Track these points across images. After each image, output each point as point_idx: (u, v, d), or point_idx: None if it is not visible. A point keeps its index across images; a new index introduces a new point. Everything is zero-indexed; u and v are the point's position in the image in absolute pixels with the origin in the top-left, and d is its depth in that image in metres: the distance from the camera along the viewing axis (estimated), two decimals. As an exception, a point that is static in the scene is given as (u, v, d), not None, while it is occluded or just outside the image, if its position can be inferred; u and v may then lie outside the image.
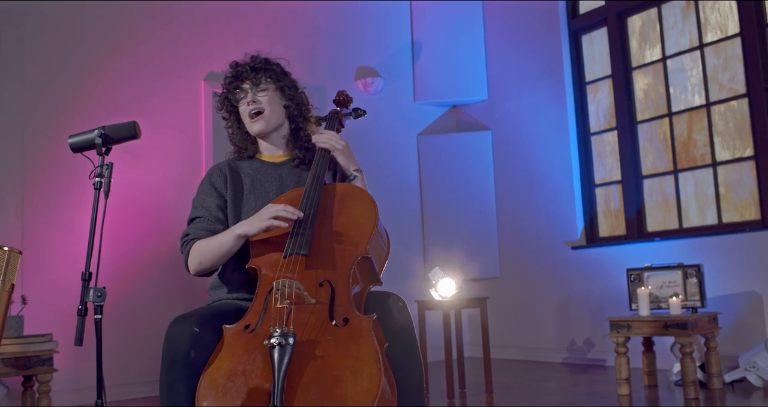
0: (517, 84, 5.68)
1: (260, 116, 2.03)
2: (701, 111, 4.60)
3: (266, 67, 2.06)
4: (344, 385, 1.52)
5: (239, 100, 2.06)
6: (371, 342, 1.59)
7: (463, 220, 5.73)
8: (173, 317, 1.73)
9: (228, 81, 2.07)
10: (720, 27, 4.54)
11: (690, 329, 3.44)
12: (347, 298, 1.69)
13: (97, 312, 1.76)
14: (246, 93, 2.04)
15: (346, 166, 2.05)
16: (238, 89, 2.05)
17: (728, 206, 4.42)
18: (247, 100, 2.03)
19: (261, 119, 2.03)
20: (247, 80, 2.04)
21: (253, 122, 2.04)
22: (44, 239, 4.17)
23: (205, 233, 1.94)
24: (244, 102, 2.04)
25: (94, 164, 1.87)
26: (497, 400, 3.71)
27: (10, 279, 1.40)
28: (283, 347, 1.52)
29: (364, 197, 1.90)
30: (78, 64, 4.45)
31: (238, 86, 2.05)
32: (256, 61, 2.06)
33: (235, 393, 1.57)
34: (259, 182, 2.04)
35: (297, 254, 1.75)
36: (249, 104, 2.02)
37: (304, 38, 5.32)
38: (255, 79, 2.03)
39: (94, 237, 1.87)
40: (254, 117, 2.03)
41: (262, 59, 2.08)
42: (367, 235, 1.80)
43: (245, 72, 2.04)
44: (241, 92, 2.05)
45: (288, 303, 1.65)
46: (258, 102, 2.03)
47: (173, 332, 1.67)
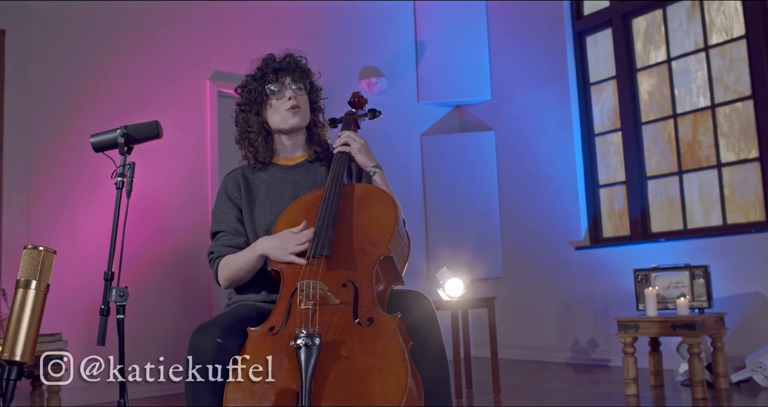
0: (520, 84, 5.69)
1: (298, 110, 2.02)
2: (706, 112, 4.62)
3: (307, 68, 2.07)
4: (371, 384, 1.53)
5: (274, 93, 2.03)
6: (397, 341, 1.59)
7: (466, 220, 5.74)
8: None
9: (264, 73, 2.03)
10: (725, 29, 4.56)
11: (698, 329, 3.46)
12: (371, 298, 1.70)
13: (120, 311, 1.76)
14: (285, 88, 2.02)
15: (365, 164, 2.05)
16: (276, 82, 2.02)
17: (733, 208, 4.44)
18: (289, 94, 2.01)
19: (299, 113, 2.02)
20: (288, 76, 2.03)
21: (292, 114, 2.01)
22: (50, 238, 4.16)
23: (228, 249, 1.96)
24: (283, 96, 2.02)
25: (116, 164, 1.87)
26: (504, 400, 3.72)
27: (45, 279, 1.40)
28: (310, 347, 1.53)
29: (384, 197, 1.91)
30: (83, 64, 4.44)
31: (276, 79, 2.03)
32: (296, 59, 2.06)
33: (262, 395, 1.58)
34: (274, 187, 2.04)
35: (320, 256, 1.76)
36: (290, 99, 2.01)
37: (308, 38, 5.32)
38: (296, 76, 2.03)
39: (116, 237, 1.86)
40: (292, 110, 2.01)
41: (300, 58, 2.07)
42: (389, 235, 1.80)
43: (288, 67, 2.03)
44: (279, 85, 2.03)
45: (312, 304, 1.65)
46: (297, 99, 2.02)
47: (196, 342, 1.67)
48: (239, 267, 1.91)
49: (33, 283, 1.40)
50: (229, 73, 4.97)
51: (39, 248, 1.42)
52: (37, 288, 1.40)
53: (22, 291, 1.39)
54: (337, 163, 1.98)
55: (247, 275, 1.93)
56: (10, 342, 1.37)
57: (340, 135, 2.07)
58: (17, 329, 1.37)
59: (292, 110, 2.01)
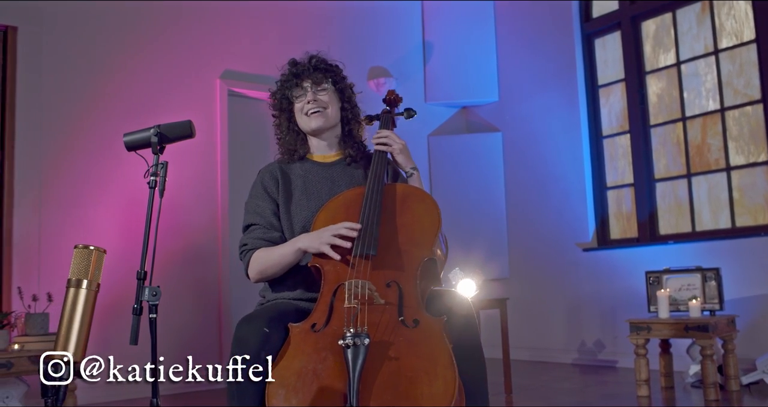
0: (528, 86, 5.70)
1: (319, 113, 2.03)
2: (715, 116, 4.64)
3: (327, 67, 2.07)
4: (419, 386, 1.53)
5: (297, 98, 2.05)
6: (444, 344, 1.60)
7: (473, 221, 5.75)
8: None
9: (286, 78, 2.06)
10: (735, 33, 4.58)
11: (711, 331, 3.48)
12: (416, 299, 1.70)
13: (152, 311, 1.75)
14: (306, 91, 2.03)
15: (404, 164, 2.05)
16: (297, 87, 2.04)
17: (742, 210, 4.47)
18: (308, 98, 2.03)
19: (320, 115, 2.03)
20: (307, 79, 2.04)
21: (311, 117, 2.03)
22: (61, 236, 4.15)
23: (263, 242, 1.95)
24: (303, 100, 2.04)
25: (148, 164, 1.87)
26: (518, 400, 3.73)
27: (96, 278, 1.40)
28: (358, 347, 1.53)
29: (426, 199, 1.91)
30: (94, 61, 4.43)
31: (297, 84, 2.04)
32: (316, 61, 2.06)
33: (306, 392, 1.57)
34: (311, 183, 2.03)
35: (365, 255, 1.75)
36: (309, 102, 2.02)
37: (317, 38, 5.32)
38: (316, 78, 2.04)
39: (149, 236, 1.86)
40: (313, 114, 2.03)
41: (322, 59, 2.08)
42: (433, 236, 1.81)
43: (306, 71, 2.04)
44: (299, 90, 2.04)
45: (356, 303, 1.65)
46: (318, 101, 2.03)
47: (243, 332, 1.66)
48: (275, 262, 1.89)
49: (84, 282, 1.40)
50: (239, 72, 4.97)
51: (90, 248, 1.42)
52: (88, 288, 1.40)
53: (73, 291, 1.39)
54: (377, 162, 1.98)
55: (282, 270, 1.90)
56: (62, 342, 1.37)
57: (380, 133, 2.07)
58: (69, 328, 1.37)
59: (313, 113, 2.03)
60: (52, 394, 1.31)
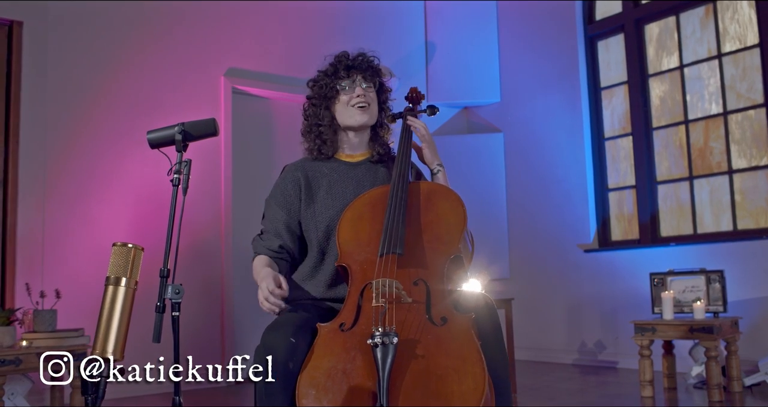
0: (530, 87, 5.73)
1: (365, 108, 2.03)
2: (718, 119, 4.68)
3: (376, 67, 2.08)
4: (450, 384, 1.54)
5: (344, 88, 2.04)
6: (473, 342, 1.60)
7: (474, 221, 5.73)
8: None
9: (336, 69, 2.05)
10: (739, 37, 4.62)
11: (716, 333, 3.51)
12: (443, 297, 1.71)
13: (175, 308, 1.75)
14: (355, 85, 2.03)
15: (430, 160, 2.07)
16: (347, 78, 2.04)
17: (743, 213, 4.51)
18: (357, 92, 2.02)
19: (366, 111, 2.03)
20: (359, 74, 2.04)
21: (357, 111, 2.02)
22: (65, 232, 4.14)
23: (264, 250, 1.97)
24: (351, 93, 2.03)
25: (171, 161, 1.87)
26: (523, 400, 3.75)
27: (135, 276, 1.40)
28: (387, 346, 1.54)
29: (451, 196, 1.92)
30: (99, 58, 4.42)
31: (349, 75, 2.04)
32: (369, 59, 2.07)
33: (336, 392, 1.58)
34: (335, 182, 2.03)
35: (392, 254, 1.75)
36: (358, 96, 2.02)
37: (319, 37, 5.31)
38: (367, 75, 2.04)
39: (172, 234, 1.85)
40: (360, 108, 2.03)
41: (373, 58, 2.09)
42: (459, 234, 1.82)
43: (361, 65, 2.05)
44: (348, 82, 2.04)
45: (384, 302, 1.66)
46: (367, 96, 2.04)
47: (270, 342, 1.66)
48: (255, 276, 1.90)
49: (123, 280, 1.41)
50: (243, 70, 4.96)
51: (128, 245, 1.42)
52: (127, 285, 1.40)
53: (112, 288, 1.39)
54: (402, 161, 1.98)
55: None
56: (102, 339, 1.37)
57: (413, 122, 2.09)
58: (108, 326, 1.38)
59: (361, 107, 2.02)
60: (92, 392, 1.31)
